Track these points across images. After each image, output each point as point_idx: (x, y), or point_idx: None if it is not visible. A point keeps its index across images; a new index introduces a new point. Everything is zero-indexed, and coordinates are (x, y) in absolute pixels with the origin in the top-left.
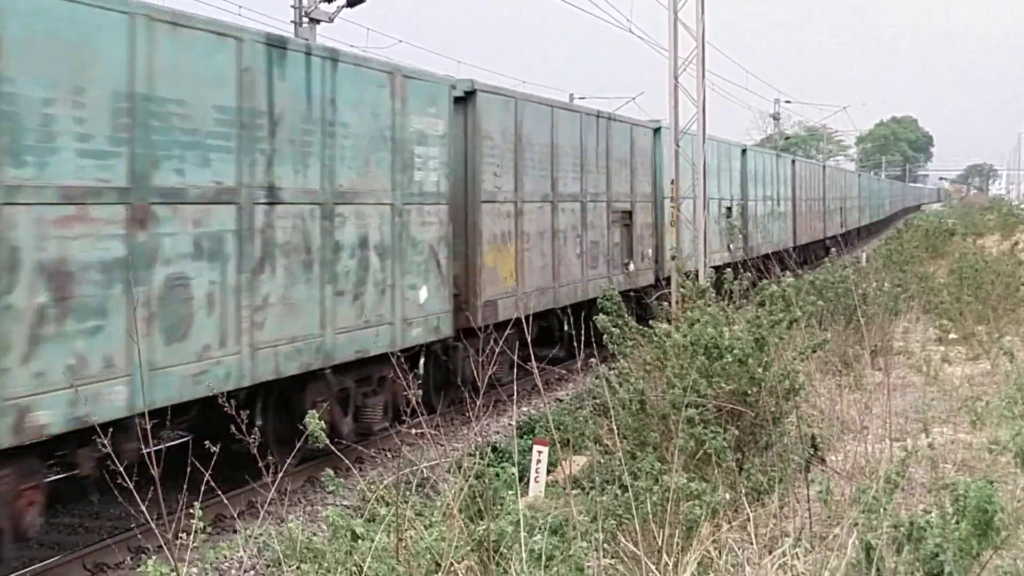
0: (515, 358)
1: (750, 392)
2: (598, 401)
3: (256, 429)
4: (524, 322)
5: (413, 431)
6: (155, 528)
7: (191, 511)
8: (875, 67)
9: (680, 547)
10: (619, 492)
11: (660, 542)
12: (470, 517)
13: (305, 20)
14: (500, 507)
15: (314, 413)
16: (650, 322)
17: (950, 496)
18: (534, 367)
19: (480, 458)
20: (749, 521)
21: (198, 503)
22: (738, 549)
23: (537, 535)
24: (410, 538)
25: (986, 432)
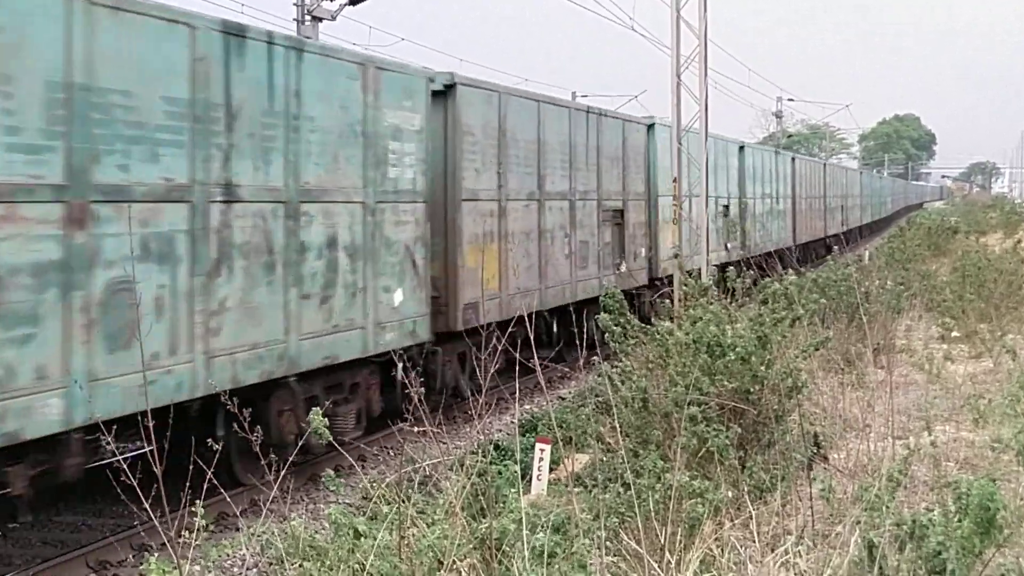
0: (493, 368)
1: (752, 390)
2: (600, 399)
3: (219, 440)
4: (527, 321)
5: (415, 429)
6: (158, 526)
7: (193, 509)
8: (878, 65)
9: (682, 545)
10: (621, 490)
11: (662, 540)
12: (472, 515)
13: (307, 18)
14: (502, 505)
15: (317, 410)
16: (652, 320)
17: (952, 494)
18: (536, 364)
19: (482, 456)
20: (751, 519)
21: (200, 501)
22: (740, 547)
23: (539, 533)
24: (412, 536)
25: (988, 430)
